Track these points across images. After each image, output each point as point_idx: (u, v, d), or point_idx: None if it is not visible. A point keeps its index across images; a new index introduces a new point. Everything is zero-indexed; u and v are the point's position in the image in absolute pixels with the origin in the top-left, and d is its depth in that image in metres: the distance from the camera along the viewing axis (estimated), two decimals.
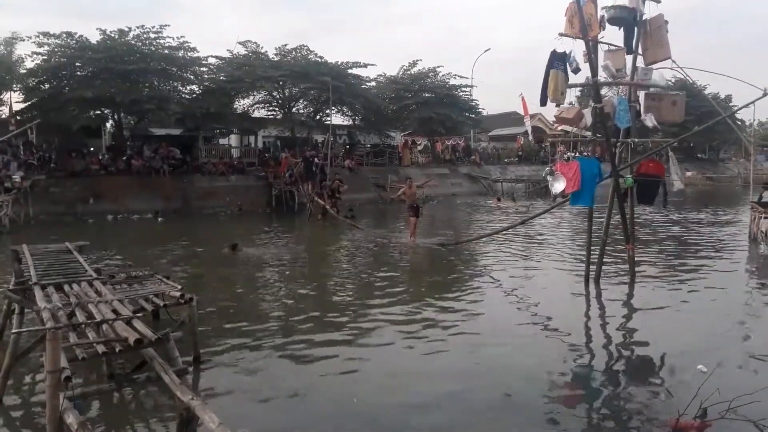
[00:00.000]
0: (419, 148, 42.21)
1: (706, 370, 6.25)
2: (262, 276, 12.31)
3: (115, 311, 5.39)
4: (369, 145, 39.06)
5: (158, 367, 4.58)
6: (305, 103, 34.95)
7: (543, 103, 10.66)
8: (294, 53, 32.13)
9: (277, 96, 33.47)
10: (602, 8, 10.69)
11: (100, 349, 4.43)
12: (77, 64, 26.11)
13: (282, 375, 6.63)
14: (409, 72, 38.03)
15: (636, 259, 11.38)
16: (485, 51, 57.60)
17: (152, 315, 7.91)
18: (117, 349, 4.48)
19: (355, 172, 32.48)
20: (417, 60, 38.01)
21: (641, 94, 11.04)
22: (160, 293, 7.40)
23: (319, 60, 31.82)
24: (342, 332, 8.19)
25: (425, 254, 14.81)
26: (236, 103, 32.85)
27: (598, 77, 10.71)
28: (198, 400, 4.06)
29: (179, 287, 7.46)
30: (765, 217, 15.74)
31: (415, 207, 16.34)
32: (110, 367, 6.31)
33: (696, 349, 7.28)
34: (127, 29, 26.79)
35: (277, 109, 34.55)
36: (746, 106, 12.20)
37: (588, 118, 11.14)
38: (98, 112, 27.94)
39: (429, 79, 37.70)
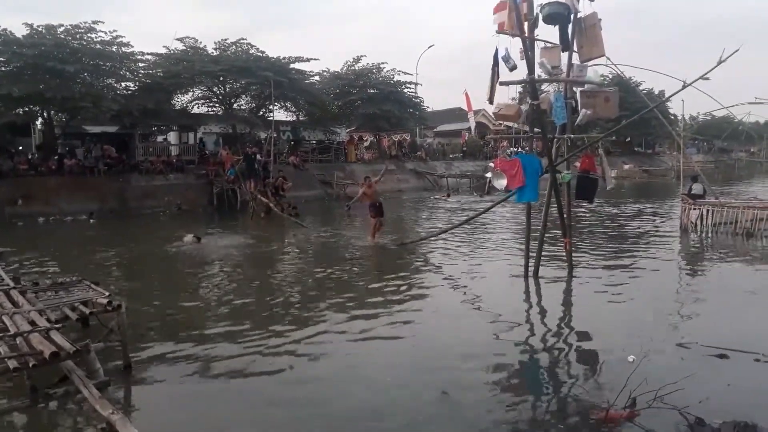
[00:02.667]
0: (365, 144, 42.17)
1: (633, 360, 6.48)
2: (202, 278, 11.98)
3: (32, 322, 5.12)
4: (314, 142, 38.74)
5: (78, 381, 4.37)
6: (247, 98, 34.28)
7: (490, 101, 10.85)
8: (234, 48, 31.45)
9: (218, 92, 32.71)
10: (538, 6, 10.88)
11: (12, 364, 4.18)
12: (1, 59, 24.77)
13: (216, 385, 6.44)
14: (353, 68, 37.88)
15: (574, 252, 11.66)
16: (429, 47, 58.10)
17: (81, 323, 7.59)
18: (31, 364, 4.24)
19: (299, 168, 32.13)
20: (361, 56, 37.96)
21: (577, 91, 11.30)
22: (87, 300, 7.11)
23: (261, 55, 31.27)
24: (284, 337, 8.01)
25: (372, 252, 14.76)
26: (175, 99, 31.92)
27: (535, 74, 10.90)
28: (119, 414, 3.89)
29: (107, 294, 7.18)
30: (694, 209, 16.47)
31: (377, 205, 15.73)
32: (31, 379, 5.99)
33: (628, 338, 7.50)
34: (58, 25, 25.62)
35: (217, 105, 33.78)
36: (669, 98, 12.73)
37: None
38: (26, 109, 26.60)
39: (373, 75, 37.66)
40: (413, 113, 39.96)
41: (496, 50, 10.62)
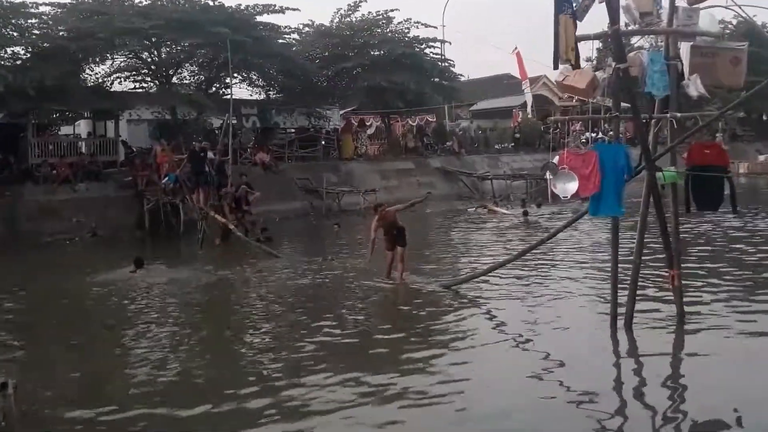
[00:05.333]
0: (369, 131, 42.26)
1: None
2: (129, 340, 12.00)
3: None
4: (292, 130, 38.94)
5: None
6: (192, 68, 34.67)
7: (556, 65, 10.77)
8: None
9: (149, 59, 33.09)
10: None
11: None
12: None
13: None
14: (348, 20, 38.24)
15: (685, 290, 11.59)
16: None
17: None
18: None
19: (272, 170, 32.33)
20: (360, 1, 38.20)
21: (685, 47, 11.26)
22: None
23: (211, 3, 31.62)
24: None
25: (389, 295, 14.94)
26: (86, 71, 32.30)
27: (621, 24, 10.90)
28: None
29: None
30: None
31: (394, 233, 15.92)
32: None
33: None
34: None
35: (149, 79, 34.14)
36: None
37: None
38: None
39: (379, 30, 37.95)
40: (439, 84, 40.11)
41: None
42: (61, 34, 30.12)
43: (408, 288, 15.27)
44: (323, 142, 37.89)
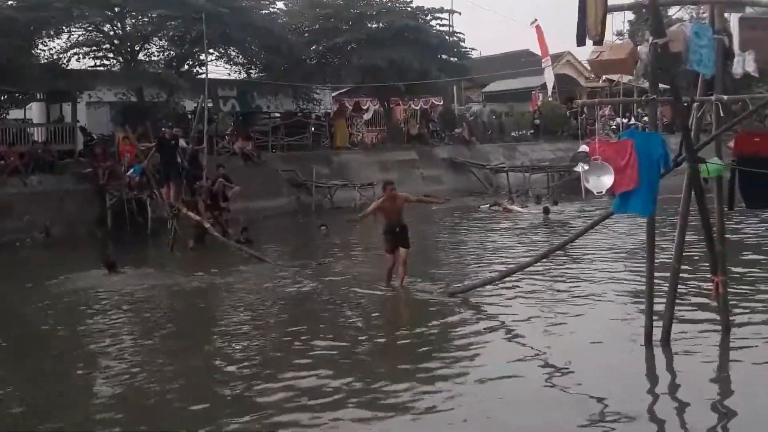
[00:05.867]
0: (366, 115, 42.12)
1: None
2: (95, 359, 11.94)
3: None
4: (277, 115, 38.86)
5: None
6: (162, 44, 34.61)
7: (581, 40, 10.66)
8: None
9: (112, 33, 33.03)
10: None
11: None
12: None
13: None
14: None
15: (732, 300, 11.53)
16: None
17: None
18: None
19: (254, 161, 32.30)
20: None
21: (734, 20, 11.20)
22: None
23: None
24: None
25: (391, 306, 15.00)
26: (39, 46, 32.17)
27: None
28: None
29: None
30: None
31: (397, 231, 15.82)
32: None
33: None
34: None
35: (112, 56, 34.04)
36: None
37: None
38: None
39: (376, 1, 37.81)
40: (447, 62, 40.05)
41: None
42: (9, 3, 29.99)
43: (412, 297, 15.28)
44: (313, 129, 37.90)
